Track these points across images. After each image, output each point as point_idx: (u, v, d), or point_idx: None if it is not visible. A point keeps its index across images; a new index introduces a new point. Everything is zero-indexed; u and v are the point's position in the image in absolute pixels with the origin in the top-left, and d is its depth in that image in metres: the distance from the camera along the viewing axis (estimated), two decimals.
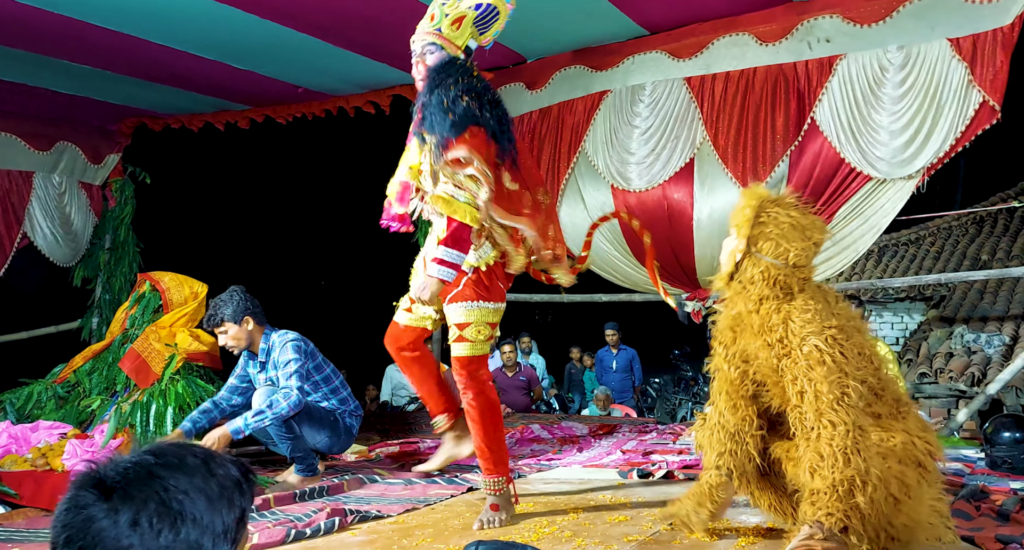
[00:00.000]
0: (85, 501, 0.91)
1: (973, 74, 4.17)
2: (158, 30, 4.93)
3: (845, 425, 1.95)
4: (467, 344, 2.73)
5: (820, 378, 1.99)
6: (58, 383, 3.82)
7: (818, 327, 2.05)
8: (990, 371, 6.32)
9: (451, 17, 2.74)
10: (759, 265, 2.15)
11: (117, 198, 7.03)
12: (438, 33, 2.75)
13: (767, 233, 2.15)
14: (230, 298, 3.52)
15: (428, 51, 2.75)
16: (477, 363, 2.76)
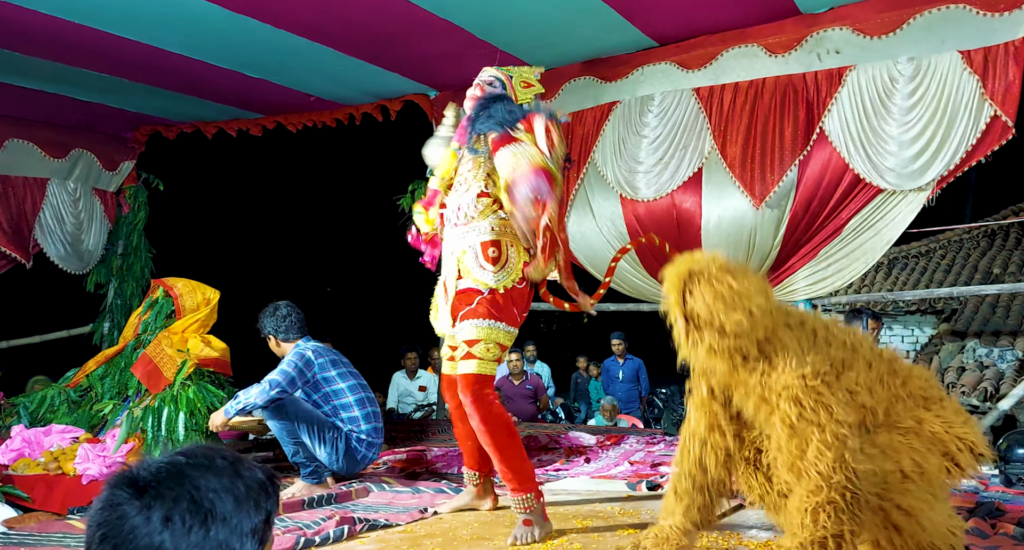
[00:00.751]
0: (119, 499, 0.94)
1: (985, 87, 4.16)
2: (174, 39, 5.00)
3: (822, 485, 1.87)
4: (475, 361, 2.68)
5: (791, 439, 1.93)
6: (71, 387, 3.85)
7: (788, 378, 1.98)
8: (1003, 386, 6.27)
9: (523, 78, 3.02)
10: (703, 338, 2.06)
11: (131, 204, 7.11)
12: (509, 78, 2.99)
13: (698, 308, 2.04)
14: (263, 314, 3.70)
15: (491, 83, 2.94)
16: (483, 382, 2.69)
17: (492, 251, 2.75)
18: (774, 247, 4.95)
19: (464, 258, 2.78)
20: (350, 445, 3.63)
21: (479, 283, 2.74)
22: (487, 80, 2.95)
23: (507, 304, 2.74)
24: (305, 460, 3.51)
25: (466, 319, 2.72)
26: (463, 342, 2.71)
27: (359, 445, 3.65)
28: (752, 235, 4.94)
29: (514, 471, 2.65)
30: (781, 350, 2.03)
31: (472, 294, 2.73)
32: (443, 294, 2.90)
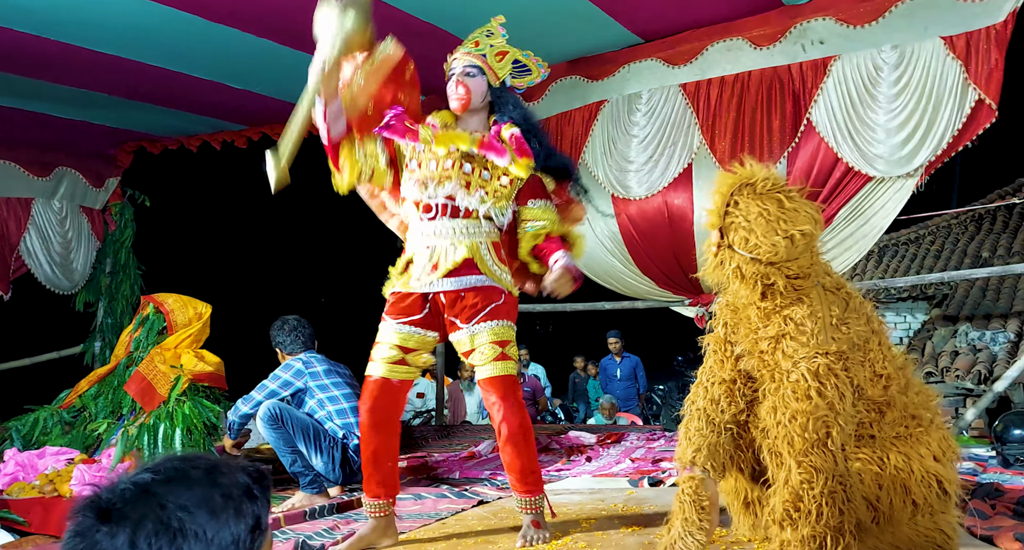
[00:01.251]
0: (85, 526, 0.91)
1: (968, 72, 4.18)
2: (155, 52, 4.96)
3: (824, 473, 1.75)
4: (511, 363, 2.58)
5: (803, 413, 1.79)
6: (64, 408, 3.81)
7: (811, 352, 1.82)
8: (996, 368, 6.31)
9: (496, 48, 2.74)
10: (733, 259, 1.91)
11: (117, 221, 7.06)
12: (483, 58, 2.72)
13: (737, 224, 1.90)
14: (272, 329, 3.74)
15: (470, 72, 2.69)
16: (516, 382, 2.64)
17: (502, 252, 2.70)
18: None
19: (478, 253, 2.62)
20: (346, 454, 3.61)
21: (501, 283, 2.65)
22: (461, 71, 2.70)
23: (516, 307, 2.70)
24: (304, 469, 3.48)
25: (496, 318, 2.59)
26: (492, 343, 2.57)
27: (355, 454, 3.63)
28: None
29: (534, 473, 2.61)
30: (810, 310, 1.87)
31: (495, 292, 2.62)
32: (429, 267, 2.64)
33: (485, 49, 2.72)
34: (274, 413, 3.44)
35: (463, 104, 2.67)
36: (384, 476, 2.63)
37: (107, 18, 4.41)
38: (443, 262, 2.62)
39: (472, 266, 2.61)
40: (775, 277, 1.89)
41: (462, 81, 2.67)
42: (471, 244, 2.62)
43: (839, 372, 1.83)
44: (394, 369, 2.66)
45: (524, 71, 2.80)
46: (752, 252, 1.89)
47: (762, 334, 1.94)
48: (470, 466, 4.02)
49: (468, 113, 2.71)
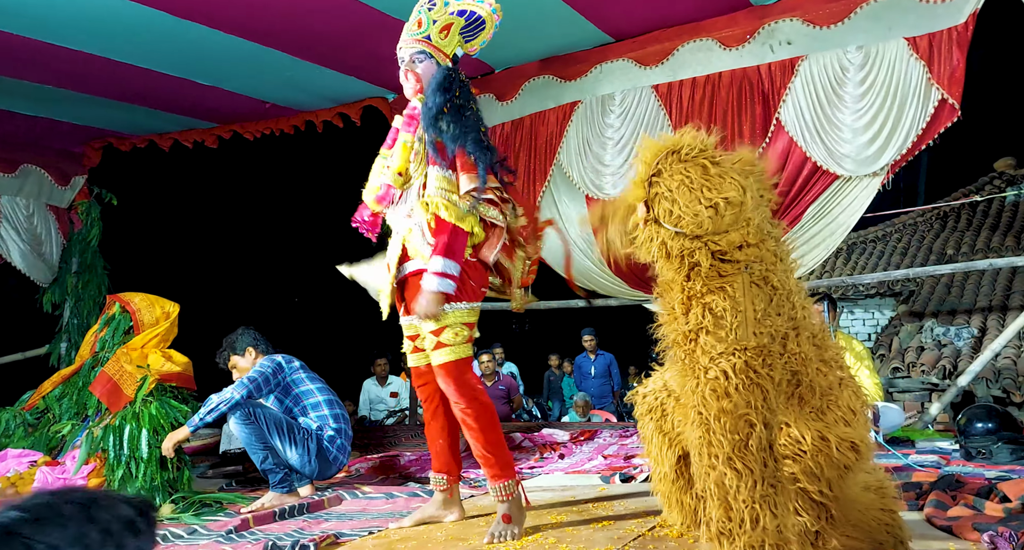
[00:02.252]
0: None
1: (931, 72, 4.26)
2: (121, 48, 4.89)
3: (751, 476, 1.63)
4: (447, 349, 2.58)
5: (724, 413, 1.65)
6: (27, 410, 3.74)
7: (729, 348, 1.67)
8: (960, 363, 6.44)
9: (439, 24, 2.68)
10: (658, 235, 1.75)
11: (83, 220, 6.94)
12: (427, 41, 2.67)
13: (661, 194, 1.74)
14: (235, 335, 3.77)
15: (417, 59, 2.67)
16: (462, 366, 2.61)
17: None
18: None
19: (410, 236, 2.66)
20: (321, 446, 3.62)
21: (428, 261, 2.59)
22: (408, 59, 2.68)
23: (462, 279, 2.60)
24: (275, 466, 3.46)
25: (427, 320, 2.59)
26: (429, 333, 2.60)
27: (330, 445, 3.65)
28: None
29: (496, 457, 2.61)
30: (731, 302, 1.70)
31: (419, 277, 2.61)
32: (390, 278, 2.75)
33: (428, 29, 2.67)
34: (245, 410, 3.44)
35: (416, 91, 2.69)
36: (437, 453, 2.80)
37: (73, 13, 4.34)
38: (391, 255, 2.73)
39: (404, 253, 2.69)
40: (699, 254, 1.73)
41: (410, 69, 2.68)
42: (406, 229, 2.68)
43: (759, 369, 1.68)
44: (413, 357, 2.82)
45: (476, 28, 2.74)
46: (676, 225, 1.72)
47: (680, 325, 1.79)
48: None
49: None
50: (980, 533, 2.09)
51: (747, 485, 1.64)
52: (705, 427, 1.70)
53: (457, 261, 2.55)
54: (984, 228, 9.54)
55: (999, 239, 9.04)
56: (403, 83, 2.70)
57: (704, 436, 1.70)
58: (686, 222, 1.71)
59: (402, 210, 2.70)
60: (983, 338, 6.91)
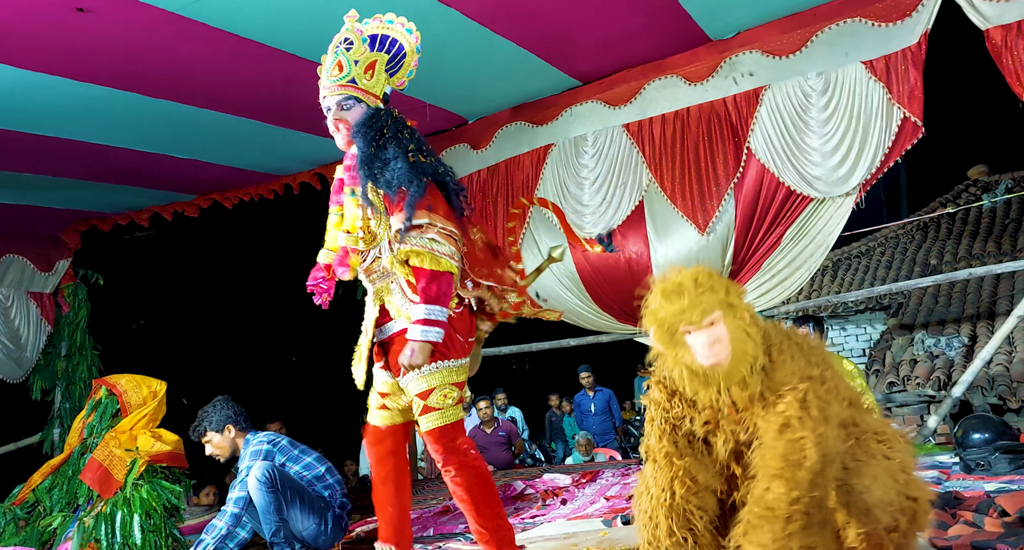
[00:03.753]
0: None
1: (891, 92, 4.37)
2: (96, 130, 4.96)
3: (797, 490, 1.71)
4: (436, 413, 2.45)
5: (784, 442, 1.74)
6: (16, 505, 3.65)
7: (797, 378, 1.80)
8: (954, 373, 6.43)
9: (361, 64, 2.52)
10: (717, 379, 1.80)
11: (70, 303, 6.92)
12: (352, 85, 2.51)
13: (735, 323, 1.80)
14: (213, 408, 3.56)
15: (346, 106, 2.51)
16: (452, 432, 2.48)
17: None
18: (724, 269, 5.05)
19: (390, 297, 2.52)
20: (336, 513, 3.55)
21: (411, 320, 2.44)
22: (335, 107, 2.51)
23: (449, 334, 2.46)
24: (283, 541, 3.39)
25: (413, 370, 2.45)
26: (415, 397, 2.48)
27: (343, 512, 3.60)
28: (699, 259, 5.03)
29: (491, 531, 2.44)
30: (778, 350, 1.84)
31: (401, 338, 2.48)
32: (366, 342, 2.62)
33: (351, 71, 2.50)
34: (271, 475, 3.32)
35: (347, 141, 2.54)
36: (387, 521, 2.62)
37: (43, 102, 4.42)
38: (367, 318, 2.59)
39: (384, 313, 2.55)
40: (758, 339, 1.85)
41: (341, 118, 2.52)
42: (378, 289, 2.55)
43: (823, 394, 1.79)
44: (378, 414, 2.66)
45: (399, 60, 2.58)
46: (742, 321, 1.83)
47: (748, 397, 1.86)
48: (444, 521, 3.97)
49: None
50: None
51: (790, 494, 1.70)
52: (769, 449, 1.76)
53: (443, 305, 2.38)
54: (964, 236, 9.64)
55: (980, 245, 9.13)
56: (334, 135, 2.54)
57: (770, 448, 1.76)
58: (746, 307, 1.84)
59: (375, 269, 2.55)
60: (974, 346, 6.93)
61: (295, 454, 3.58)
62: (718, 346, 1.78)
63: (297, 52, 4.26)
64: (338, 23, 3.99)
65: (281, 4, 3.78)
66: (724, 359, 1.79)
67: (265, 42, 4.12)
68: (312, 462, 3.61)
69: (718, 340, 1.78)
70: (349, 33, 2.53)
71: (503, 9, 4.13)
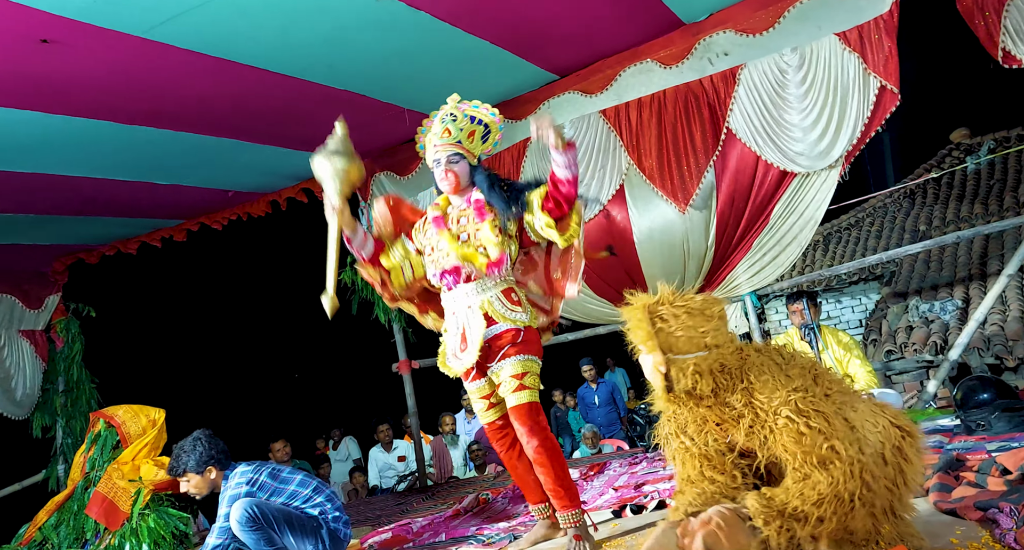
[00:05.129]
0: None
1: (866, 62, 4.37)
2: (72, 163, 4.93)
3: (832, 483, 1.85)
4: (528, 391, 2.91)
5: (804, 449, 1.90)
6: (24, 545, 3.62)
7: (783, 395, 1.96)
8: (950, 337, 6.46)
9: (465, 131, 3.06)
10: (687, 367, 2.01)
11: (64, 338, 6.88)
12: (459, 144, 3.05)
13: (671, 333, 2.01)
14: (193, 447, 3.46)
15: (453, 160, 3.03)
16: (538, 409, 2.94)
17: (514, 295, 3.01)
18: (708, 248, 5.06)
19: (491, 306, 2.98)
20: (331, 528, 3.51)
21: (515, 323, 2.96)
22: (445, 160, 3.03)
23: (538, 340, 3.02)
24: None
25: (509, 356, 2.94)
26: (511, 377, 2.92)
27: (337, 524, 3.54)
28: (684, 240, 5.05)
29: (566, 488, 2.88)
30: (758, 368, 2.03)
31: (509, 334, 2.95)
32: (460, 343, 3.04)
33: (458, 135, 3.05)
34: (251, 514, 3.26)
35: (454, 188, 3.04)
36: (532, 487, 3.08)
37: (15, 137, 4.38)
38: (471, 326, 2.99)
39: (489, 319, 2.98)
40: (726, 356, 2.03)
41: (450, 169, 3.04)
42: (482, 301, 2.98)
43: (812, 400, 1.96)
44: (491, 413, 3.09)
45: (488, 134, 3.15)
46: (700, 348, 2.01)
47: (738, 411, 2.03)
48: (455, 525, 3.97)
49: (460, 193, 3.08)
50: (983, 511, 2.09)
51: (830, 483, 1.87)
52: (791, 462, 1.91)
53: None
54: (951, 199, 9.66)
55: (967, 208, 9.15)
56: (440, 181, 3.06)
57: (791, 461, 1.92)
58: (710, 338, 2.01)
59: (468, 288, 3.00)
60: (968, 308, 6.95)
61: (276, 487, 3.48)
62: (652, 373, 2.06)
63: (268, 67, 4.25)
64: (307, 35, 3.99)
65: (248, 22, 3.77)
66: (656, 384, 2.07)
67: (236, 60, 4.10)
68: (296, 490, 3.51)
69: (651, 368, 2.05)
70: (453, 110, 3.10)
71: (472, 8, 4.12)
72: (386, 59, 4.43)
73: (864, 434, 1.95)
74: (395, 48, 4.32)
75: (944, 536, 2.09)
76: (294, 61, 4.24)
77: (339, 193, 2.97)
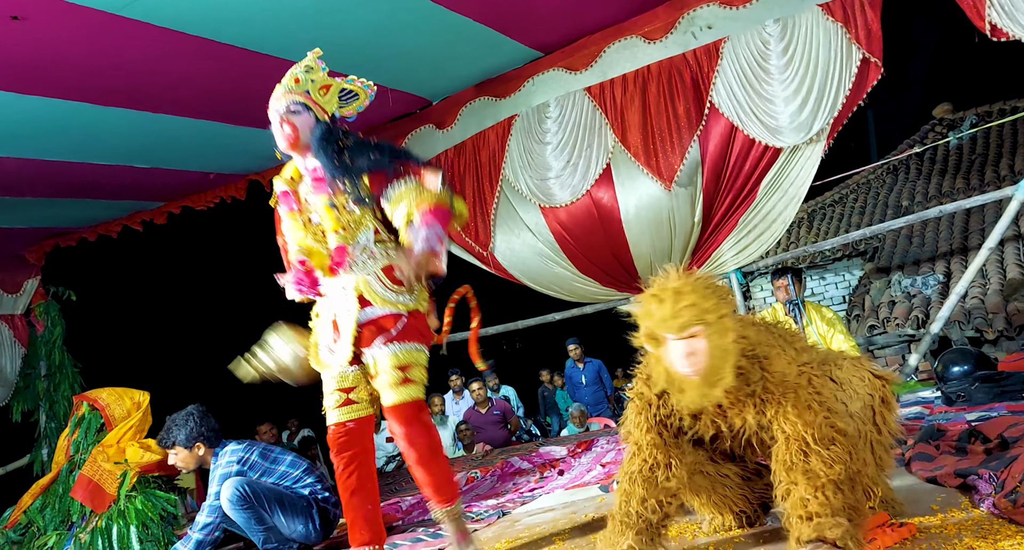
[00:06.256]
0: None
1: (849, 32, 4.37)
2: (51, 146, 4.84)
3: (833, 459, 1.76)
4: (415, 386, 2.56)
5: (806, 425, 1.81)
6: (9, 528, 3.61)
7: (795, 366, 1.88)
8: (932, 311, 6.53)
9: (318, 83, 2.67)
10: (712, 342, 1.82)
11: (44, 322, 6.81)
12: (306, 95, 2.63)
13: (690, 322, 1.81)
14: (185, 422, 3.45)
15: (295, 110, 2.60)
16: (422, 407, 2.60)
17: (397, 273, 2.57)
18: (695, 225, 5.07)
19: (367, 287, 2.62)
20: (321, 507, 3.53)
21: (396, 306, 2.60)
22: (284, 110, 2.60)
23: (424, 327, 2.66)
24: (277, 545, 3.40)
25: (395, 342, 2.57)
26: (395, 368, 2.55)
27: (327, 504, 3.56)
28: (671, 217, 5.05)
29: (447, 482, 2.64)
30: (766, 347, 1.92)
31: (390, 319, 2.59)
32: (332, 333, 2.66)
33: (307, 85, 2.64)
34: (242, 493, 3.29)
35: (291, 142, 2.60)
36: (366, 519, 2.62)
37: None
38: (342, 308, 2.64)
39: (364, 301, 2.61)
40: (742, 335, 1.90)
41: (288, 120, 2.59)
42: (357, 282, 2.62)
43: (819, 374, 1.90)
44: (341, 411, 2.66)
45: (351, 97, 2.77)
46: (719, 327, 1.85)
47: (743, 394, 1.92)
48: None
49: (301, 151, 2.63)
50: (963, 478, 2.13)
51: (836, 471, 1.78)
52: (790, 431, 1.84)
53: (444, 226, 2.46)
54: (934, 175, 9.72)
55: (949, 183, 9.21)
56: (276, 135, 2.61)
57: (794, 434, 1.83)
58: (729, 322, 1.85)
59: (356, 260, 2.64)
60: (949, 282, 7.02)
61: (267, 467, 3.51)
62: (693, 358, 1.81)
63: (248, 45, 4.18)
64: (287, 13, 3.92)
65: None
66: (699, 371, 1.82)
67: (213, 38, 4.02)
68: (286, 470, 3.54)
69: (694, 352, 1.81)
70: (311, 62, 2.69)
71: None
72: (369, 37, 4.37)
73: (854, 389, 1.94)
74: (378, 26, 4.26)
75: (925, 502, 2.13)
76: (275, 40, 4.16)
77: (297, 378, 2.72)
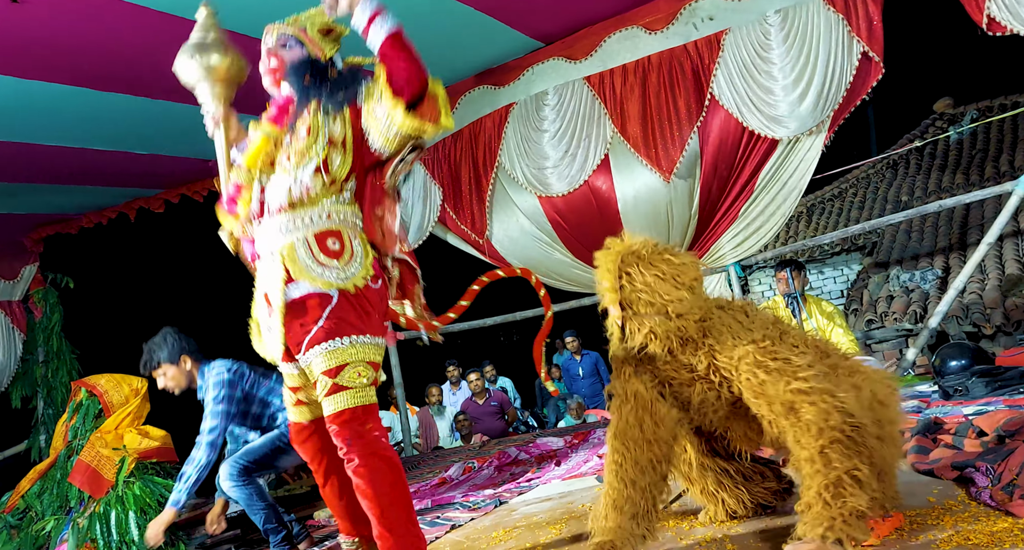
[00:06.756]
0: None
1: (850, 25, 4.37)
2: (49, 132, 4.83)
3: (817, 424, 1.76)
4: (346, 393, 2.08)
5: (773, 395, 1.83)
6: (7, 512, 3.63)
7: (742, 350, 1.91)
8: (930, 305, 6.55)
9: (318, 25, 2.31)
10: (644, 326, 1.95)
11: (42, 308, 6.81)
12: (303, 31, 2.28)
13: (637, 291, 1.95)
14: (164, 340, 3.35)
15: (288, 44, 2.26)
16: (363, 416, 2.10)
17: (332, 242, 2.15)
18: (692, 217, 5.07)
19: (294, 254, 2.13)
20: None
21: (322, 285, 2.10)
22: (275, 44, 2.26)
23: (365, 309, 2.14)
24: (276, 525, 3.40)
25: (316, 343, 2.10)
26: (322, 374, 2.10)
27: None
28: (668, 209, 5.04)
29: (397, 536, 2.04)
30: (722, 328, 1.97)
31: (315, 303, 2.10)
32: (265, 308, 2.21)
33: (305, 24, 2.29)
34: (241, 466, 3.24)
35: (275, 78, 2.27)
36: (341, 514, 2.38)
37: None
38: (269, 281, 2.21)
39: (288, 274, 2.15)
40: (688, 326, 1.97)
41: (275, 53, 2.26)
42: (283, 245, 2.17)
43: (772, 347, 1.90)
44: (296, 411, 2.35)
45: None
46: (661, 313, 1.95)
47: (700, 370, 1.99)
48: (442, 492, 4.01)
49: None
50: (959, 471, 2.14)
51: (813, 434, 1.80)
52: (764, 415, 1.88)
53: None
54: (933, 169, 9.73)
55: (949, 178, 9.22)
56: (262, 69, 2.28)
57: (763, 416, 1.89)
58: (673, 307, 1.95)
59: (274, 223, 2.18)
60: (948, 278, 7.04)
61: (257, 380, 3.40)
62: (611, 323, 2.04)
63: (247, 32, 4.12)
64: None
65: None
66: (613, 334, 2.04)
67: None
68: (274, 386, 3.44)
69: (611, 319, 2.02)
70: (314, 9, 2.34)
71: None
72: None
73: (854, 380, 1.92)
74: None
75: (922, 495, 2.13)
76: None
77: (218, 97, 2.31)
